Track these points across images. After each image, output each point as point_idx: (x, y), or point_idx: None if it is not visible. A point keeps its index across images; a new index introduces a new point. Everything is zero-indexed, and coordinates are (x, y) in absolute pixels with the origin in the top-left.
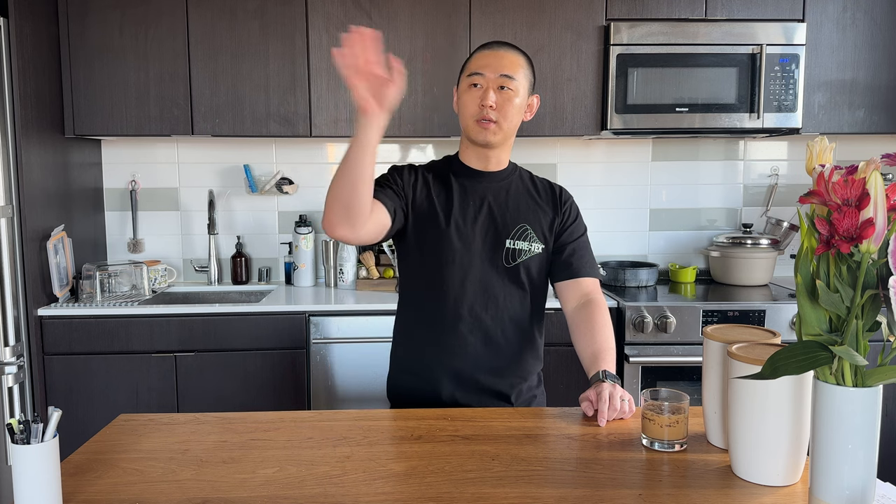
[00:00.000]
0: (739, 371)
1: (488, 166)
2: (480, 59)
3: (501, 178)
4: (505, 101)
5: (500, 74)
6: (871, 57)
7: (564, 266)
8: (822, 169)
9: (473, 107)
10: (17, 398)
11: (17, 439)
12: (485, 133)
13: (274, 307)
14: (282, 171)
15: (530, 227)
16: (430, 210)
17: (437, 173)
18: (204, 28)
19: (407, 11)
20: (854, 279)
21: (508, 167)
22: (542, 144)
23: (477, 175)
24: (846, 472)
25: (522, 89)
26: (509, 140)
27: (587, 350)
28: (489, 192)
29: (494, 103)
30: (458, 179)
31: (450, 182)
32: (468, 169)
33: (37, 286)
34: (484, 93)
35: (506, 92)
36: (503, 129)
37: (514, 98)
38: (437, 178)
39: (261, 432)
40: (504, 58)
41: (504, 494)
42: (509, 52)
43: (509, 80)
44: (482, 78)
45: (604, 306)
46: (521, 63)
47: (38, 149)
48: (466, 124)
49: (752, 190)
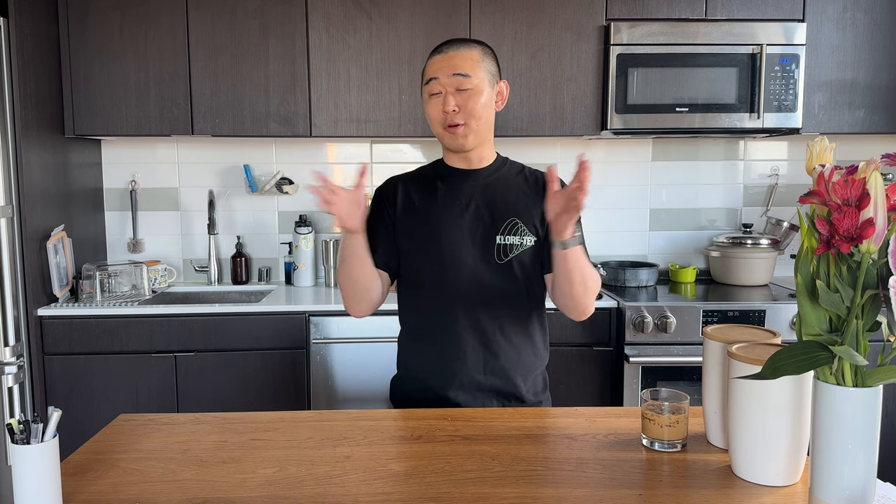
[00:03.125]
0: (739, 371)
1: (472, 165)
2: (432, 64)
3: (487, 174)
4: (467, 100)
5: (453, 75)
6: (871, 57)
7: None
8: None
9: (437, 114)
10: (17, 398)
11: (17, 439)
12: (456, 138)
13: (274, 307)
14: (282, 171)
15: (520, 220)
16: (415, 218)
17: (421, 180)
18: (204, 28)
19: (407, 11)
20: (854, 279)
21: (495, 161)
22: (542, 144)
23: (462, 175)
24: (846, 472)
25: (484, 83)
26: (487, 136)
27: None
28: (476, 190)
29: (457, 106)
30: (443, 182)
31: (435, 186)
32: (453, 170)
33: (37, 286)
34: (444, 98)
35: (466, 92)
36: (474, 129)
37: (477, 96)
38: (422, 185)
39: (261, 432)
40: (454, 57)
41: (504, 494)
42: (459, 49)
43: (465, 78)
44: (438, 83)
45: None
46: (475, 56)
47: (38, 149)
48: (437, 133)
49: (752, 190)
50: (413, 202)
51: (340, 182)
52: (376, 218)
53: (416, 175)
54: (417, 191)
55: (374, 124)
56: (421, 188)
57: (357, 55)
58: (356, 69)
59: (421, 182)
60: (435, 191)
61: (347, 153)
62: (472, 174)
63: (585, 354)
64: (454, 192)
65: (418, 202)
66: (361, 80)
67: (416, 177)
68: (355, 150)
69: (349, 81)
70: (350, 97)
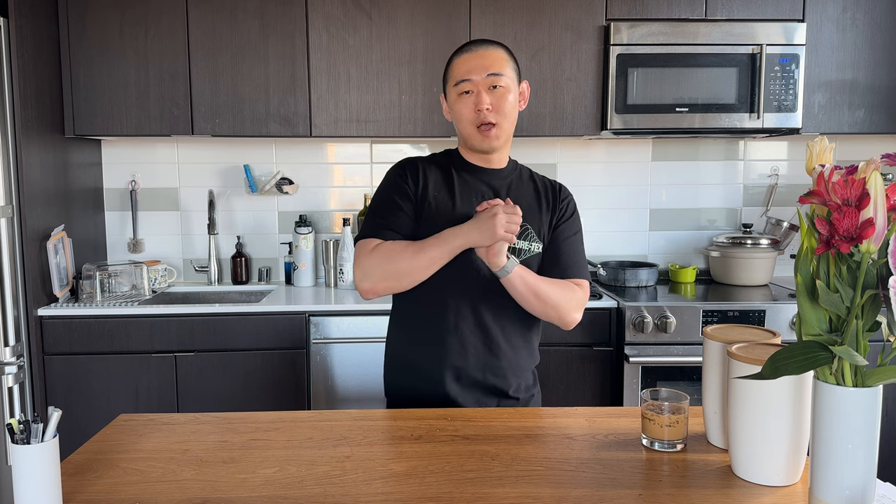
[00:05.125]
0: (739, 371)
1: (491, 164)
2: (463, 64)
3: (503, 175)
4: (500, 99)
5: (487, 74)
6: (871, 57)
7: (554, 264)
8: (822, 169)
9: (470, 113)
10: (17, 398)
11: (17, 439)
12: (488, 140)
13: (274, 307)
14: (282, 171)
15: (531, 226)
16: (431, 208)
17: (438, 168)
18: (204, 28)
19: (407, 11)
20: (854, 279)
21: (509, 165)
22: (542, 144)
23: (479, 171)
24: (846, 472)
25: (513, 83)
26: (510, 137)
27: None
28: (491, 188)
29: (491, 105)
30: (459, 175)
31: (451, 177)
32: (469, 164)
33: (37, 286)
34: (477, 97)
35: (498, 90)
36: (504, 130)
37: (508, 94)
38: (439, 174)
39: (261, 432)
40: (487, 57)
41: (504, 494)
42: (490, 49)
43: (498, 77)
44: (470, 83)
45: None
46: (504, 56)
47: (38, 149)
48: (467, 133)
49: (752, 190)
50: (430, 191)
51: (340, 182)
52: (402, 197)
53: (432, 162)
54: (435, 180)
55: (374, 124)
56: (438, 176)
57: (357, 55)
58: (356, 69)
59: (438, 170)
60: (451, 182)
61: (347, 153)
62: (489, 172)
63: (585, 354)
64: (470, 187)
65: (436, 190)
66: (361, 80)
67: (433, 163)
68: (355, 150)
69: (349, 81)
70: (350, 97)
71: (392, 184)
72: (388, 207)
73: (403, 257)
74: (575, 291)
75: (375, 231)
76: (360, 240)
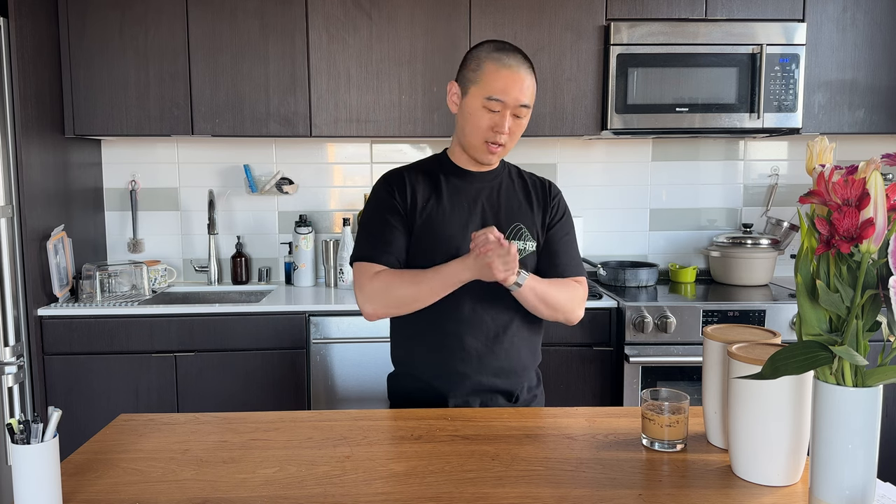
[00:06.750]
0: (739, 371)
1: (480, 168)
2: (500, 80)
3: (492, 177)
4: (518, 127)
5: (520, 105)
6: (871, 57)
7: (552, 264)
8: (822, 169)
9: (486, 129)
10: (17, 398)
11: (17, 439)
12: (492, 157)
13: (274, 307)
14: (282, 171)
15: (524, 225)
16: (423, 217)
17: (425, 176)
18: (204, 28)
19: (407, 11)
20: (854, 279)
21: (498, 165)
22: (542, 144)
23: (468, 175)
24: (846, 472)
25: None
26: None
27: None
28: (482, 192)
29: (509, 130)
30: (448, 180)
31: (440, 184)
32: (459, 169)
33: (37, 286)
34: (500, 118)
35: (520, 120)
36: (507, 150)
37: (524, 122)
38: (428, 182)
39: (261, 432)
40: (523, 82)
41: (504, 494)
42: (528, 74)
43: (526, 109)
44: (501, 104)
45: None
46: (534, 84)
47: (38, 149)
48: (473, 143)
49: (752, 190)
50: (419, 199)
51: (340, 182)
52: (392, 214)
53: (418, 169)
54: (424, 187)
55: (374, 124)
56: (427, 185)
57: (357, 55)
58: (356, 69)
59: (426, 178)
60: (440, 189)
61: (347, 153)
62: (478, 176)
63: (585, 354)
64: (461, 193)
65: (425, 200)
66: (361, 80)
67: (420, 171)
68: (355, 150)
69: (349, 81)
70: (350, 97)
71: (381, 201)
72: (381, 227)
73: (405, 288)
74: (577, 290)
75: (372, 254)
76: (358, 262)
